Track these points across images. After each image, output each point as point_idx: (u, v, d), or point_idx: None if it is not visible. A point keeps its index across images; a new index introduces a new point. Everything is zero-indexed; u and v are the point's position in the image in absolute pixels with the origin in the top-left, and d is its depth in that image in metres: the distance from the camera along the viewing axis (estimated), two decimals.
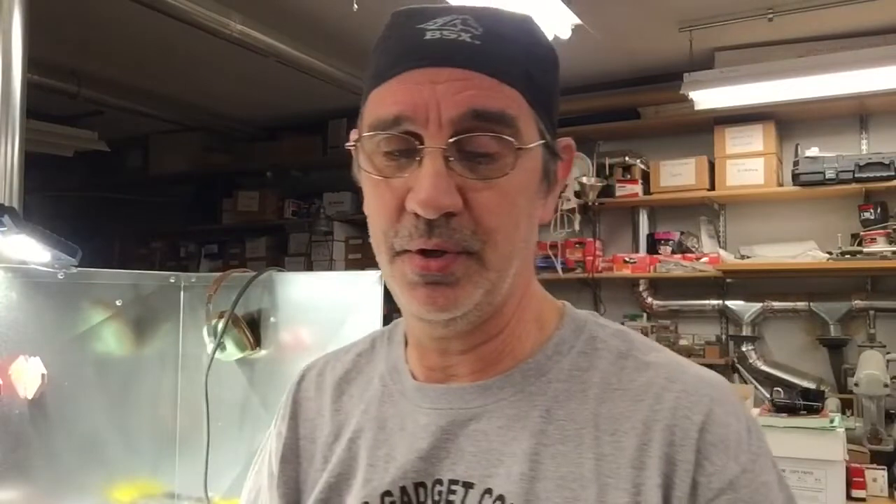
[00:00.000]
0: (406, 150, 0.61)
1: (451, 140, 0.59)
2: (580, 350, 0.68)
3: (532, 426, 0.64)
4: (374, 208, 0.64)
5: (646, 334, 4.02)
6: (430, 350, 0.69)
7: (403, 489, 0.66)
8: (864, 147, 3.81)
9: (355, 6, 2.70)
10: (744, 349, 3.93)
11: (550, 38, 2.61)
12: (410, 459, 0.66)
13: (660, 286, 4.20)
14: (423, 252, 0.60)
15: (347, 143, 0.67)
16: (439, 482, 0.65)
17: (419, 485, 0.65)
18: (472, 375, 0.68)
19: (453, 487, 0.64)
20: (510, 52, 0.61)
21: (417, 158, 0.60)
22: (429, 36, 0.61)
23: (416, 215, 0.59)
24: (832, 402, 3.13)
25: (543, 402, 0.65)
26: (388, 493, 0.66)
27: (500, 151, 0.60)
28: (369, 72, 0.66)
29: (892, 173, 3.46)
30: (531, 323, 0.69)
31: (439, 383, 0.69)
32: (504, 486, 0.62)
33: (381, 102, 0.62)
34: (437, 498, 0.64)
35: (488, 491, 0.63)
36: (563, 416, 0.64)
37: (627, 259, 4.11)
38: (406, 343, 0.74)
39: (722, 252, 3.92)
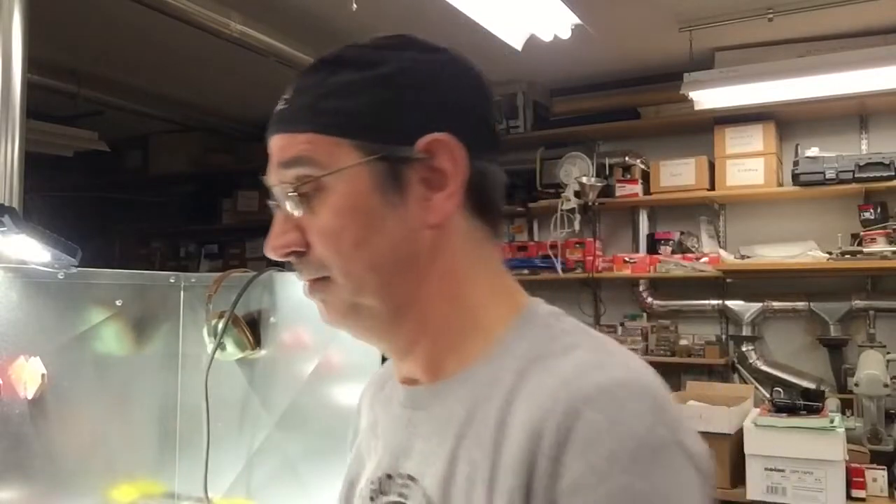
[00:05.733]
0: None
1: (273, 191, 0.71)
2: (515, 355, 0.68)
3: (455, 429, 0.68)
4: None
5: (646, 334, 4.06)
6: None
7: (380, 479, 0.74)
8: (864, 147, 3.81)
9: (354, 6, 2.70)
10: (744, 349, 3.93)
11: (550, 37, 2.59)
12: (388, 453, 0.75)
13: (660, 286, 4.20)
14: None
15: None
16: (400, 475, 0.72)
17: (388, 476, 0.73)
18: (426, 378, 0.74)
19: (407, 482, 0.71)
20: (303, 102, 0.70)
21: None
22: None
23: None
24: (832, 402, 3.13)
25: (467, 406, 0.68)
26: (372, 482, 0.76)
27: (304, 190, 0.68)
28: None
29: (892, 173, 3.46)
30: (468, 328, 0.71)
31: (409, 385, 0.76)
32: (431, 485, 0.68)
33: None
34: (396, 489, 0.72)
35: (423, 488, 0.69)
36: (479, 420, 0.66)
37: (627, 259, 4.11)
38: None
39: (722, 252, 3.92)
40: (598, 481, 0.56)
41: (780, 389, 3.70)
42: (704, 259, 3.92)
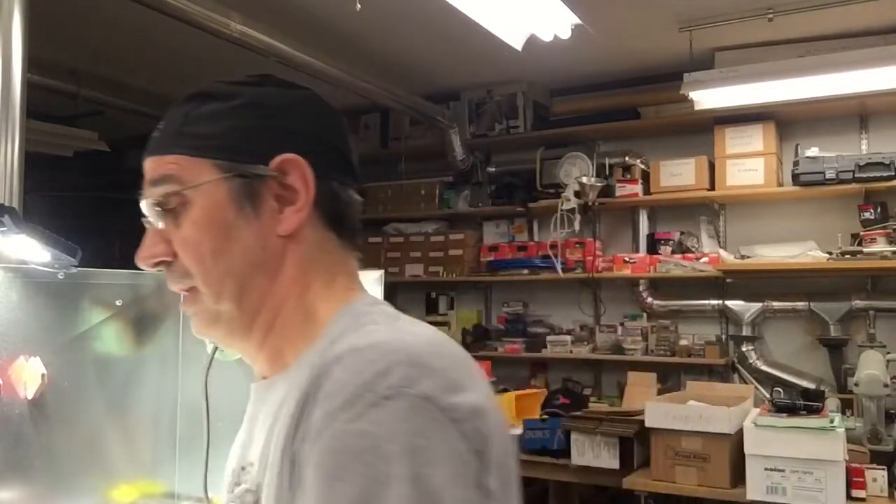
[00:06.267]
0: None
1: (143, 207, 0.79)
2: (327, 339, 0.74)
3: (275, 413, 0.74)
4: None
5: (646, 334, 4.06)
6: None
7: (236, 471, 0.82)
8: (864, 147, 3.82)
9: (358, 6, 2.70)
10: (744, 349, 3.93)
11: (550, 37, 2.59)
12: (241, 447, 0.83)
13: (660, 286, 4.20)
14: None
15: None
16: (246, 464, 0.80)
17: (242, 468, 0.81)
18: (271, 373, 0.82)
19: (248, 469, 0.79)
20: (171, 129, 0.80)
21: None
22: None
23: None
24: (832, 402, 3.13)
25: (286, 390, 0.74)
26: (232, 474, 0.83)
27: (168, 205, 0.77)
28: None
29: (892, 173, 3.46)
30: (306, 323, 0.78)
31: (259, 382, 0.85)
32: (258, 467, 0.75)
33: None
34: (244, 477, 0.79)
35: (253, 471, 0.77)
36: (288, 399, 0.71)
37: (627, 259, 4.11)
38: None
39: (722, 252, 3.92)
40: (328, 424, 0.62)
41: (780, 389, 3.70)
42: (704, 259, 3.92)
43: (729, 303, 3.98)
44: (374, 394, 0.62)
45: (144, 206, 0.79)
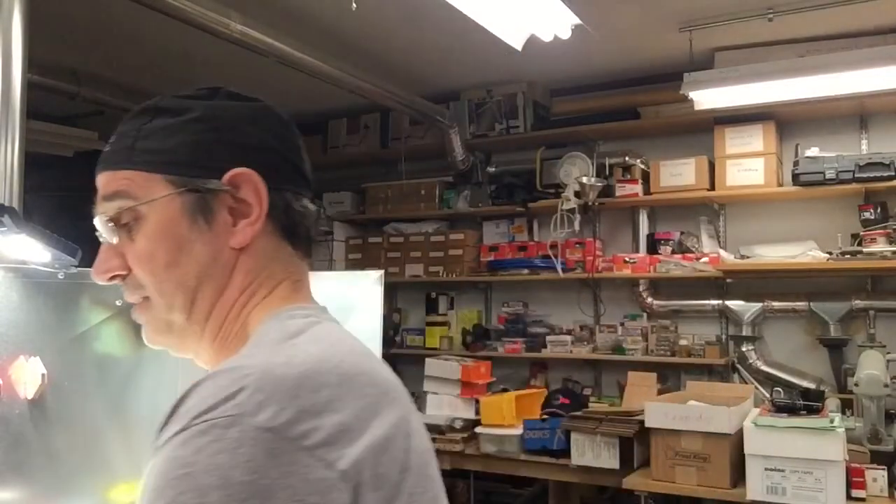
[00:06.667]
0: None
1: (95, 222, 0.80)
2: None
3: None
4: None
5: (646, 334, 4.05)
6: None
7: None
8: (864, 147, 3.82)
9: (354, 5, 2.70)
10: (744, 349, 3.93)
11: (550, 37, 2.59)
12: None
13: (660, 286, 4.20)
14: None
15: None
16: None
17: None
18: None
19: None
20: (123, 144, 0.81)
21: None
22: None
23: None
24: (832, 402, 3.13)
25: None
26: None
27: (121, 220, 0.78)
28: None
29: (892, 173, 3.46)
30: (237, 336, 0.79)
31: None
32: None
33: None
34: None
35: None
36: None
37: (627, 259, 4.11)
38: None
39: (722, 252, 3.92)
40: (163, 445, 0.63)
41: (780, 389, 3.70)
42: (704, 259, 3.92)
43: (729, 303, 3.98)
44: (208, 421, 0.60)
45: (97, 221, 0.80)
